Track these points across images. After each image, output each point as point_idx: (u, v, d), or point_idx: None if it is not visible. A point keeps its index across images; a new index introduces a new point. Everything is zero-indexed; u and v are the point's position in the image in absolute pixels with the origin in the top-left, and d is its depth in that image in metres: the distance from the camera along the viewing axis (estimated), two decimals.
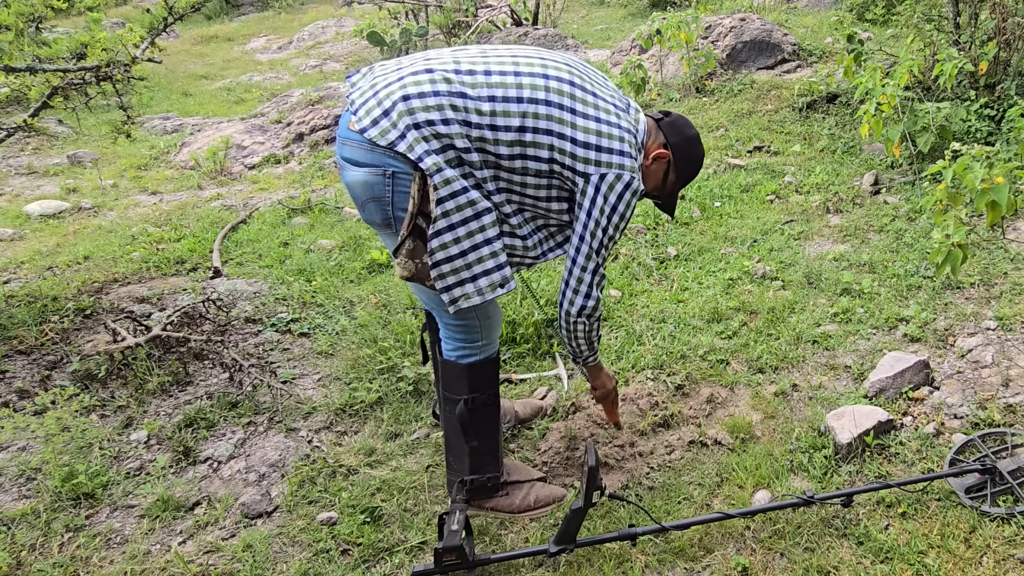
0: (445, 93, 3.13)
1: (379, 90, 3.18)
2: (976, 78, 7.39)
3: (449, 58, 3.26)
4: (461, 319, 3.52)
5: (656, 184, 3.63)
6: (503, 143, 3.16)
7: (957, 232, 3.93)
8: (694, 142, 3.62)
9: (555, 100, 3.22)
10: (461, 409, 3.59)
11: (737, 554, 3.47)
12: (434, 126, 3.09)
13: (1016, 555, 3.29)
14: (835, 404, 4.33)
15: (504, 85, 3.18)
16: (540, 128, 3.18)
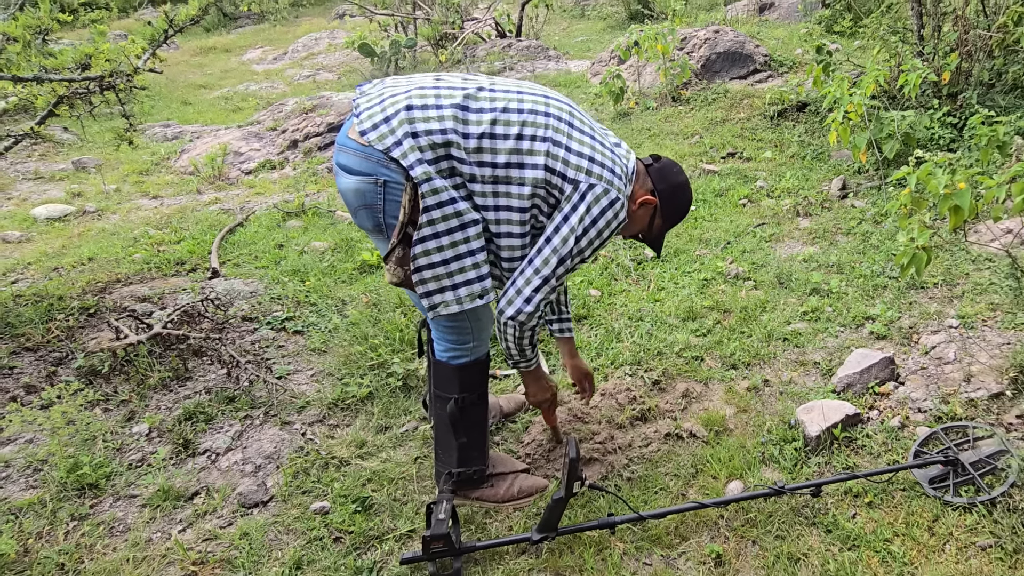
0: (448, 106, 3.17)
1: (385, 99, 3.22)
2: (939, 88, 7.42)
3: (458, 78, 3.33)
4: (453, 322, 3.50)
5: (642, 227, 3.64)
6: (501, 151, 3.18)
7: (921, 235, 3.94)
8: (681, 188, 3.60)
9: (555, 114, 3.28)
10: (452, 408, 3.60)
11: (711, 542, 3.49)
12: (431, 136, 3.11)
13: (977, 542, 3.31)
14: (805, 399, 4.35)
15: (507, 99, 3.25)
16: (538, 136, 3.21)
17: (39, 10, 5.44)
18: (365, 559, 3.56)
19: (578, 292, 5.63)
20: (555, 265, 3.29)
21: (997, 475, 3.59)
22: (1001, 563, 3.19)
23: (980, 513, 3.42)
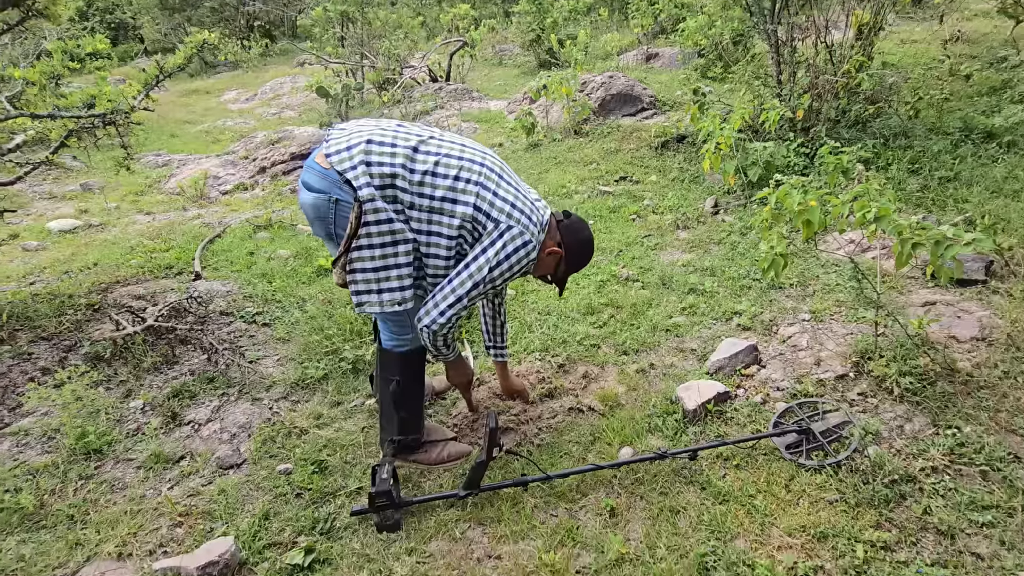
0: (402, 146, 3.31)
1: (352, 132, 3.38)
2: (794, 123, 7.50)
3: (417, 127, 3.47)
4: (396, 317, 3.60)
5: (548, 271, 3.68)
6: (439, 187, 3.29)
7: (779, 244, 3.97)
8: (586, 244, 3.70)
9: (488, 165, 3.40)
10: (394, 387, 3.68)
11: (606, 497, 3.50)
12: (382, 167, 3.25)
13: (826, 497, 3.34)
14: (683, 379, 4.37)
15: (451, 148, 3.40)
16: (471, 180, 3.32)
17: (53, 60, 5.61)
18: (321, 511, 3.60)
19: None
20: (469, 288, 3.36)
21: (842, 442, 3.64)
22: (845, 514, 3.23)
23: (828, 474, 3.47)
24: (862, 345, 4.28)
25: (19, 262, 7.22)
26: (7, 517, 3.61)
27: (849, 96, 7.48)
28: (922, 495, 3.29)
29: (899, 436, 3.65)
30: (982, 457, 3.43)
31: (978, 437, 3.54)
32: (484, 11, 22.45)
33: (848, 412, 3.83)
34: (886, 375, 3.98)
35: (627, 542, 3.25)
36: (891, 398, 3.91)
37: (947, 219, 5.60)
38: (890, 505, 3.26)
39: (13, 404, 4.61)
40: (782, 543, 3.16)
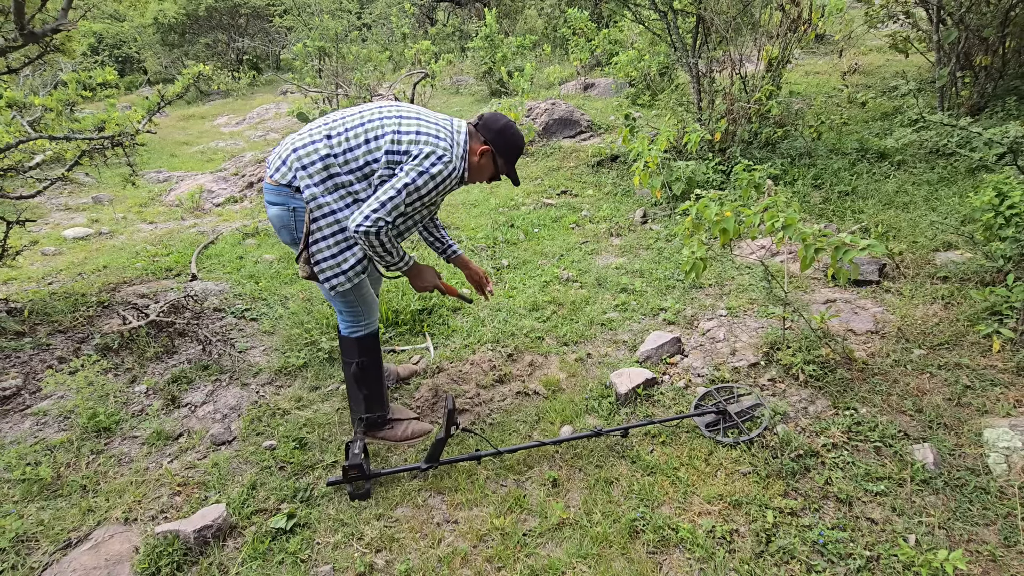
0: (319, 139, 3.32)
1: (282, 148, 3.40)
2: (713, 144, 7.54)
3: (321, 119, 3.43)
4: (348, 305, 3.64)
5: (492, 171, 3.58)
6: (360, 156, 3.30)
7: (700, 250, 3.97)
8: (506, 130, 3.52)
9: (385, 115, 3.38)
10: (355, 369, 3.74)
11: (550, 470, 3.49)
12: (314, 165, 3.29)
13: (740, 470, 3.35)
14: (616, 366, 4.35)
15: (352, 119, 3.38)
16: (377, 135, 3.31)
17: (68, 88, 5.69)
18: (302, 482, 3.61)
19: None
20: (392, 195, 3.22)
21: (754, 422, 3.65)
22: (757, 484, 3.24)
23: (742, 449, 3.48)
24: (772, 337, 4.30)
25: (38, 265, 7.20)
26: (28, 487, 3.63)
27: (760, 121, 7.53)
28: (824, 468, 3.31)
29: (804, 416, 3.66)
30: (876, 435, 3.45)
31: (872, 417, 3.57)
32: (443, 47, 22.36)
33: (759, 396, 3.84)
34: (792, 363, 4.00)
35: (567, 508, 3.24)
36: (797, 383, 3.93)
37: (845, 227, 5.64)
38: (796, 476, 3.28)
39: (34, 388, 4.63)
40: (702, 509, 3.16)
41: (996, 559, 2.80)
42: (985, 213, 4.42)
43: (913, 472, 3.21)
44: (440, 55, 20.24)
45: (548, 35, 19.64)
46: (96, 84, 6.04)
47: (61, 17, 5.53)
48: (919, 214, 5.80)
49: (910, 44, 8.73)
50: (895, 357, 4.06)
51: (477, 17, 25.26)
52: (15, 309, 5.63)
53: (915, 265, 5.06)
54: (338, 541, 3.20)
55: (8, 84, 10.79)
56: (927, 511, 3.03)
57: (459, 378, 4.44)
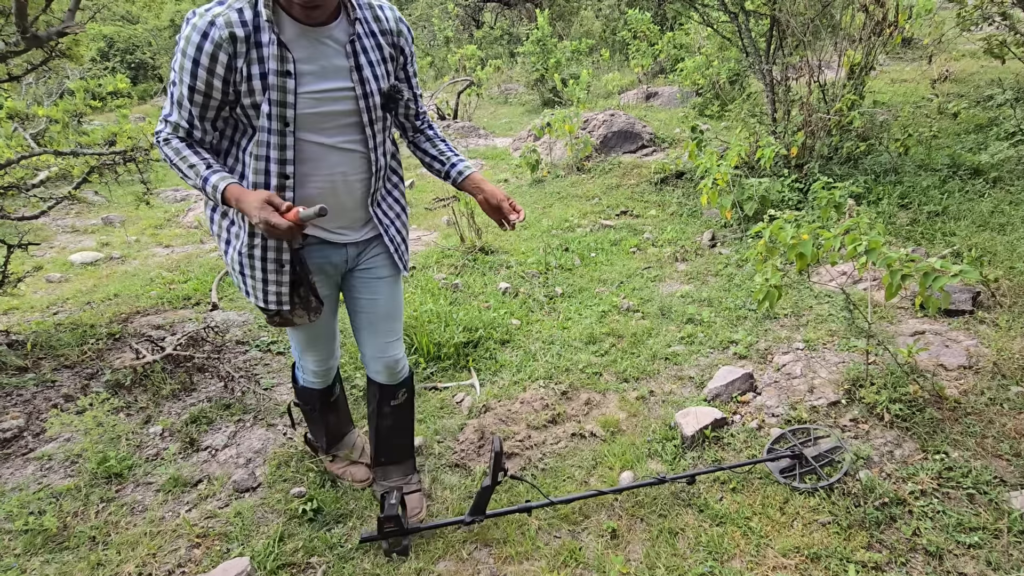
0: None
1: None
2: (788, 160, 7.56)
3: None
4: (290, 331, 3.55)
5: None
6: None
7: (774, 276, 4.00)
8: None
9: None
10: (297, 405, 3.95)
11: (608, 519, 3.52)
12: None
13: (819, 520, 3.36)
14: (682, 405, 4.39)
15: None
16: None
17: (75, 98, 5.63)
18: (334, 533, 3.62)
19: (502, 321, 5.64)
20: (170, 87, 2.74)
21: (834, 466, 3.66)
22: (837, 536, 3.25)
23: (820, 496, 3.49)
24: (853, 373, 4.31)
25: (43, 293, 7.27)
26: (32, 539, 3.62)
27: (841, 133, 7.54)
28: (911, 517, 3.32)
29: (889, 460, 3.67)
30: (969, 481, 3.45)
31: (965, 462, 3.57)
32: (490, 52, 22.61)
33: (840, 438, 3.85)
34: (877, 402, 4.01)
35: (628, 563, 3.27)
36: (881, 424, 3.93)
37: (935, 252, 5.64)
38: (881, 527, 3.29)
39: (37, 430, 4.62)
40: (777, 564, 3.18)
41: None
42: None
43: (1010, 522, 3.21)
44: (487, 61, 20.50)
45: (606, 39, 19.79)
46: (106, 93, 6.07)
47: (68, 19, 5.52)
48: (1017, 236, 5.76)
49: (1007, 49, 8.67)
50: (990, 395, 4.05)
51: (528, 19, 25.46)
52: (17, 342, 5.62)
53: (1013, 293, 5.03)
54: None
55: (9, 93, 11.04)
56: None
57: (508, 418, 4.47)
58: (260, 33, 2.62)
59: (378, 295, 3.37)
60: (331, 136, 2.86)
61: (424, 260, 7.30)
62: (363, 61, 2.84)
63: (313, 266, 3.12)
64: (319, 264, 3.16)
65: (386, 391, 3.58)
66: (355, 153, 2.95)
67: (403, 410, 3.69)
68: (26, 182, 5.70)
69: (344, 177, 2.96)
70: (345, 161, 2.94)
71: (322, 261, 3.17)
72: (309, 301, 3.10)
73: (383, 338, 3.45)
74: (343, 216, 3.09)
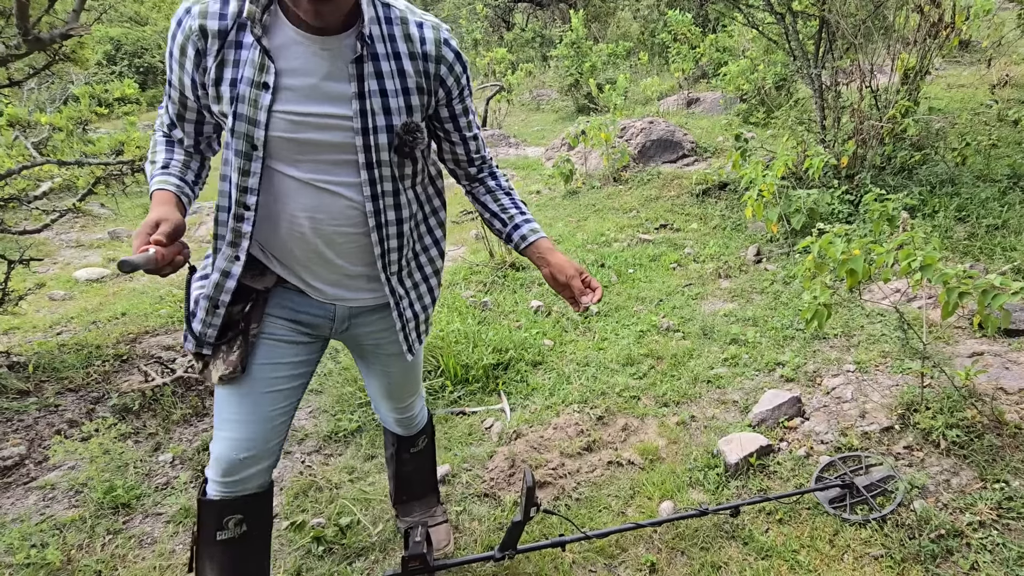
0: None
1: None
2: (839, 170, 7.54)
3: None
4: None
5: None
6: None
7: (823, 294, 4.01)
8: None
9: None
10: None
11: (647, 552, 3.52)
12: None
13: (871, 553, 3.36)
14: (725, 431, 4.40)
15: None
16: None
17: (80, 104, 5.58)
18: (354, 567, 3.61)
19: (534, 342, 5.67)
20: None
21: (887, 496, 3.66)
22: (891, 570, 3.25)
23: (873, 528, 3.48)
24: (908, 397, 4.30)
25: (45, 312, 7.34)
26: (34, 573, 3.65)
27: (895, 142, 7.53)
28: (969, 550, 3.31)
29: (945, 490, 3.66)
30: None
31: None
32: (521, 55, 22.70)
33: (893, 466, 3.85)
34: (932, 427, 4.00)
35: None
36: (937, 451, 3.92)
37: (995, 268, 5.62)
38: (937, 560, 3.28)
39: (40, 458, 4.64)
40: None
41: None
42: None
43: None
44: (518, 65, 20.57)
45: (645, 41, 19.82)
46: (113, 99, 6.07)
47: (72, 20, 5.48)
48: None
49: None
50: None
51: (561, 20, 25.54)
52: (18, 364, 5.62)
53: None
54: None
55: (10, 99, 11.10)
56: None
57: (540, 445, 4.48)
58: (244, 32, 2.30)
59: (391, 368, 3.08)
60: (308, 171, 2.42)
61: (452, 277, 7.33)
62: (373, 88, 2.36)
63: (286, 313, 2.68)
64: (293, 315, 2.70)
65: (404, 441, 3.51)
66: (340, 198, 2.47)
67: (423, 454, 3.62)
68: (28, 194, 5.70)
69: (316, 224, 2.48)
70: (322, 205, 2.47)
71: (298, 313, 2.70)
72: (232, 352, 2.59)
73: (398, 403, 3.27)
74: (321, 270, 2.63)
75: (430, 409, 4.92)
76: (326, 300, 2.69)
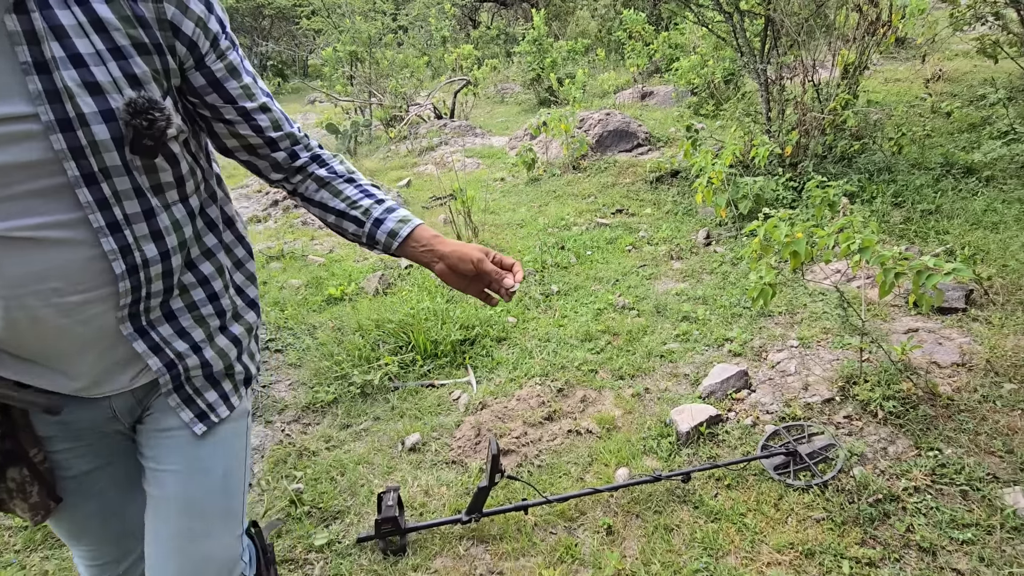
0: None
1: None
2: (783, 159, 7.55)
3: None
4: None
5: None
6: None
7: (768, 274, 4.01)
8: None
9: None
10: None
11: (604, 516, 3.52)
12: None
13: (813, 516, 3.36)
14: (677, 402, 4.39)
15: None
16: None
17: None
18: (331, 529, 3.62)
19: (499, 319, 5.64)
20: None
21: (828, 463, 3.66)
22: (832, 532, 3.25)
23: (815, 493, 3.49)
24: (848, 370, 4.31)
25: None
26: (31, 534, 3.62)
27: (835, 132, 7.54)
28: (905, 514, 3.32)
29: (883, 457, 3.67)
30: (962, 477, 3.45)
31: (958, 458, 3.57)
32: (486, 51, 22.60)
33: (834, 435, 3.85)
34: (871, 399, 4.01)
35: (623, 559, 3.27)
36: (875, 421, 3.93)
37: (929, 250, 5.64)
38: (874, 523, 3.29)
39: None
40: (771, 559, 3.18)
41: None
42: None
43: (1003, 519, 3.20)
44: (483, 60, 20.49)
45: (602, 39, 19.80)
46: None
47: None
48: (1010, 235, 5.76)
49: (1000, 49, 8.68)
50: (983, 392, 4.05)
51: (524, 19, 25.49)
52: None
53: (1006, 291, 5.03)
54: None
55: None
56: (1018, 561, 3.02)
57: (504, 415, 4.47)
58: None
59: (167, 465, 1.83)
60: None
61: None
62: (57, 54, 1.39)
63: (59, 429, 1.76)
64: (68, 426, 1.77)
65: None
66: (62, 247, 1.47)
67: None
68: None
69: (42, 300, 1.48)
70: (33, 267, 1.45)
71: (71, 420, 1.76)
72: (27, 491, 1.73)
73: (173, 542, 1.83)
74: (58, 364, 1.62)
75: (401, 382, 4.91)
76: (92, 395, 1.71)
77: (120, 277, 1.54)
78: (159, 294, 1.66)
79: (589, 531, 3.48)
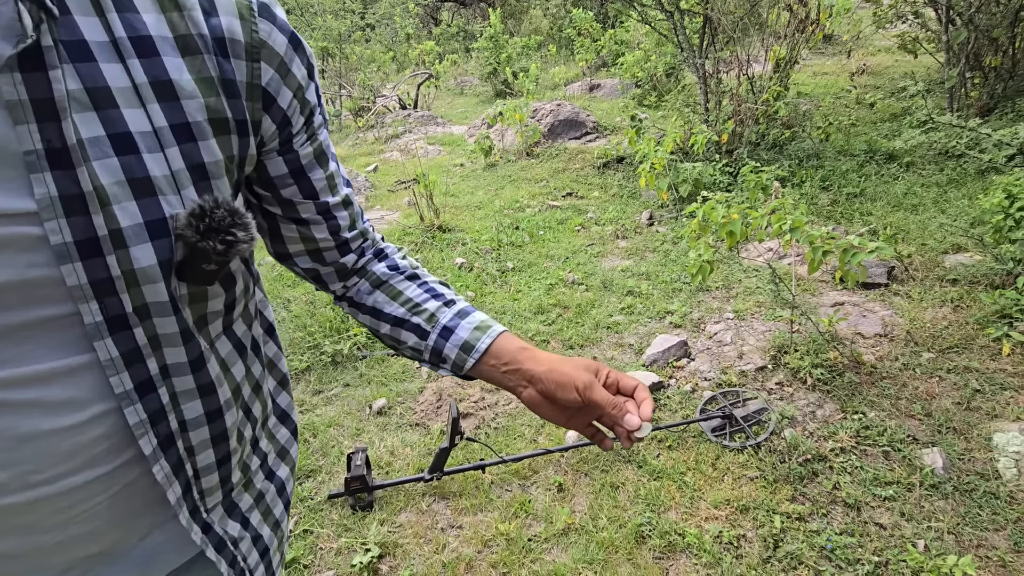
0: None
1: None
2: (720, 146, 7.54)
3: None
4: None
5: None
6: None
7: (706, 252, 3.99)
8: None
9: None
10: None
11: (555, 474, 3.50)
12: None
13: (747, 475, 3.35)
14: (623, 370, 4.33)
15: None
16: None
17: None
18: (305, 486, 3.61)
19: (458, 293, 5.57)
20: None
21: (761, 426, 3.66)
22: (764, 489, 3.25)
23: (749, 454, 3.48)
24: (779, 341, 4.30)
25: None
26: None
27: (768, 122, 7.53)
28: (832, 472, 3.32)
29: (811, 420, 3.67)
30: (884, 439, 3.46)
31: (881, 421, 3.58)
32: (447, 47, 22.41)
33: (766, 400, 3.85)
34: (800, 367, 4.01)
35: (573, 514, 3.25)
36: (805, 387, 3.93)
37: (854, 230, 5.65)
38: (804, 481, 3.28)
39: None
40: (709, 514, 3.16)
41: (1006, 564, 2.80)
42: (995, 215, 4.42)
43: (922, 477, 3.22)
44: (444, 56, 20.34)
45: (553, 36, 19.69)
46: None
47: None
48: (928, 216, 5.80)
49: (919, 45, 8.73)
50: (904, 361, 4.06)
51: (482, 17, 25.32)
52: None
53: (924, 268, 5.06)
54: (341, 546, 3.21)
55: None
56: (936, 516, 3.03)
57: (463, 382, 4.44)
58: None
59: None
60: None
61: (387, 238, 7.17)
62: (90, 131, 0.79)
63: None
64: None
65: None
66: (47, 417, 0.82)
67: None
68: None
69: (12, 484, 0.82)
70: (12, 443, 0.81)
71: None
72: None
73: None
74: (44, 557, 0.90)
75: (369, 351, 4.86)
76: None
77: (152, 455, 0.93)
78: (214, 468, 1.07)
79: (542, 488, 3.44)
